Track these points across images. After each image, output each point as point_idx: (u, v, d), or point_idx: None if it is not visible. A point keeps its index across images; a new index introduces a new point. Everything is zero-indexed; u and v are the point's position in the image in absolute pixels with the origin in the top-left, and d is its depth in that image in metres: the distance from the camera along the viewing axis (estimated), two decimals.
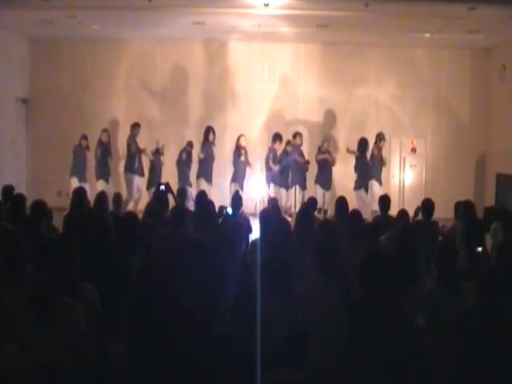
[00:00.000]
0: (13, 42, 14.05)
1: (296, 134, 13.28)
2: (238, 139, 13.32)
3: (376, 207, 12.86)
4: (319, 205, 12.68)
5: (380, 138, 13.04)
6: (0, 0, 10.90)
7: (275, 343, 4.41)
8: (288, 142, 13.28)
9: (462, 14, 10.70)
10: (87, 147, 13.44)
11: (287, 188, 13.12)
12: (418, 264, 5.35)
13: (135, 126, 13.28)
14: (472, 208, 7.62)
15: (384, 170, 13.73)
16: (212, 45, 14.60)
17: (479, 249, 6.30)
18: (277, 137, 13.28)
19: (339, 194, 12.17)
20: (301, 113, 14.78)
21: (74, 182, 12.94)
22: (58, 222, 7.15)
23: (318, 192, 12.92)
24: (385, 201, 8.24)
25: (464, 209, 7.61)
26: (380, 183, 12.97)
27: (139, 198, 12.88)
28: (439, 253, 4.91)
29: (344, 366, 4.10)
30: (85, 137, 13.44)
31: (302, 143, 13.25)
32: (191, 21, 12.38)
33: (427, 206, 7.83)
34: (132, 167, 13.09)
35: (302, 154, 13.22)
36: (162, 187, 8.41)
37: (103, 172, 13.24)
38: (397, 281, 4.36)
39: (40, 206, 6.49)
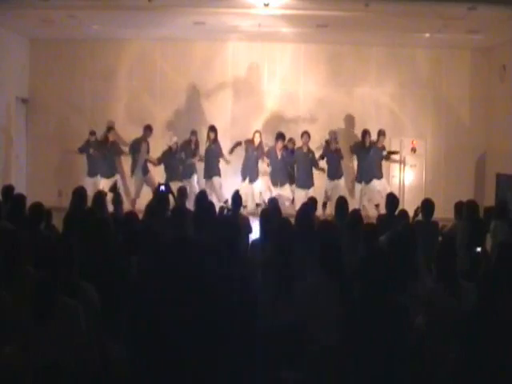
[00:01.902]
0: (13, 42, 14.04)
1: (303, 133, 13.36)
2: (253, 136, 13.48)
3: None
4: (325, 198, 12.87)
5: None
6: (0, 0, 10.90)
7: (275, 343, 4.42)
8: (290, 139, 13.36)
9: (462, 14, 10.70)
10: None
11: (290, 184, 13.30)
12: (418, 264, 5.35)
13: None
14: (476, 208, 7.62)
15: (383, 169, 13.78)
16: (212, 45, 14.59)
17: (478, 249, 6.31)
18: (280, 136, 13.34)
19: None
20: (301, 113, 14.78)
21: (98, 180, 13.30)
22: (58, 221, 7.14)
23: (328, 185, 13.28)
24: (393, 200, 8.13)
25: (468, 209, 7.60)
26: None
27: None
28: (439, 253, 4.91)
29: (344, 365, 4.10)
30: (93, 133, 13.56)
31: (307, 142, 13.30)
32: (191, 21, 12.37)
33: (427, 206, 7.82)
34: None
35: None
36: (162, 187, 8.42)
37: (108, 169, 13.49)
38: (396, 281, 4.37)
39: (37, 209, 6.49)
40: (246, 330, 4.16)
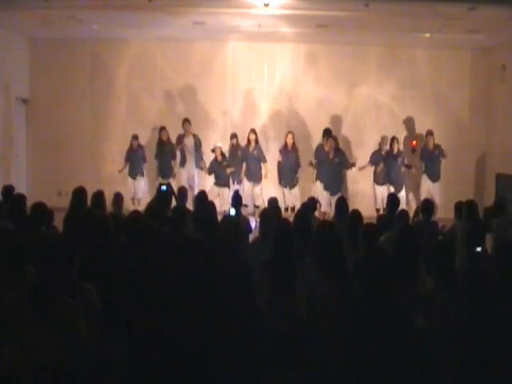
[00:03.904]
0: (13, 42, 14.05)
1: (328, 136, 13.18)
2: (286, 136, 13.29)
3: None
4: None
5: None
6: (0, 0, 10.91)
7: (275, 343, 4.42)
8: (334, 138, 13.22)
9: (462, 13, 10.70)
10: (139, 146, 13.52)
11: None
12: (418, 264, 5.35)
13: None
14: (475, 208, 7.63)
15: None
16: (212, 45, 14.60)
17: (478, 249, 6.31)
18: (326, 132, 13.21)
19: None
20: (301, 113, 14.78)
21: (141, 183, 13.41)
22: (58, 221, 7.14)
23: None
24: (393, 200, 8.17)
25: (467, 209, 7.61)
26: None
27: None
28: (438, 252, 4.91)
29: (344, 366, 4.10)
30: (135, 137, 13.48)
31: (333, 146, 13.08)
32: (191, 21, 12.38)
33: (427, 206, 7.83)
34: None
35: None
36: (164, 187, 8.38)
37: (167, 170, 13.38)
38: (397, 281, 4.37)
39: (40, 209, 6.49)
40: (245, 330, 4.16)
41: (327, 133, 13.19)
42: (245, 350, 4.05)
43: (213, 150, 13.20)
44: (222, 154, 13.16)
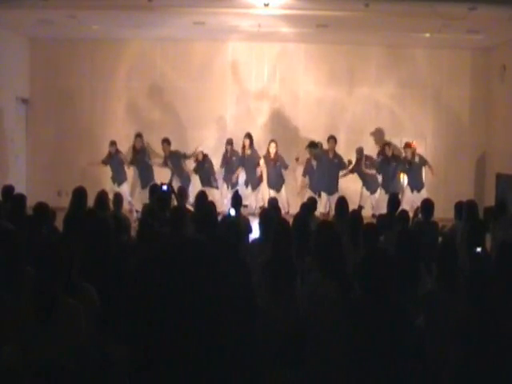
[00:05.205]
0: (13, 42, 14.05)
1: (330, 138, 13.18)
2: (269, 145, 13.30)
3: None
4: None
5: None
6: (0, 0, 10.91)
7: (275, 343, 4.42)
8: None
9: (462, 13, 10.70)
10: (117, 152, 13.35)
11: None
12: (418, 264, 5.35)
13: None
14: (475, 208, 7.63)
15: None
16: (212, 45, 14.60)
17: (478, 249, 6.31)
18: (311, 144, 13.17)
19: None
20: (301, 113, 14.78)
21: (125, 188, 13.19)
22: (58, 222, 7.14)
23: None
24: (394, 200, 8.17)
25: (467, 209, 7.61)
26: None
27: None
28: (440, 253, 4.91)
29: (344, 366, 4.10)
30: (113, 143, 13.33)
31: (334, 147, 13.09)
32: (191, 21, 12.39)
33: (427, 207, 7.83)
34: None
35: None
36: (164, 187, 8.33)
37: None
38: (397, 281, 4.37)
39: (42, 209, 6.48)
40: (245, 331, 4.16)
41: (313, 144, 13.15)
42: (245, 350, 4.05)
43: (196, 155, 13.27)
44: (204, 155, 13.24)
